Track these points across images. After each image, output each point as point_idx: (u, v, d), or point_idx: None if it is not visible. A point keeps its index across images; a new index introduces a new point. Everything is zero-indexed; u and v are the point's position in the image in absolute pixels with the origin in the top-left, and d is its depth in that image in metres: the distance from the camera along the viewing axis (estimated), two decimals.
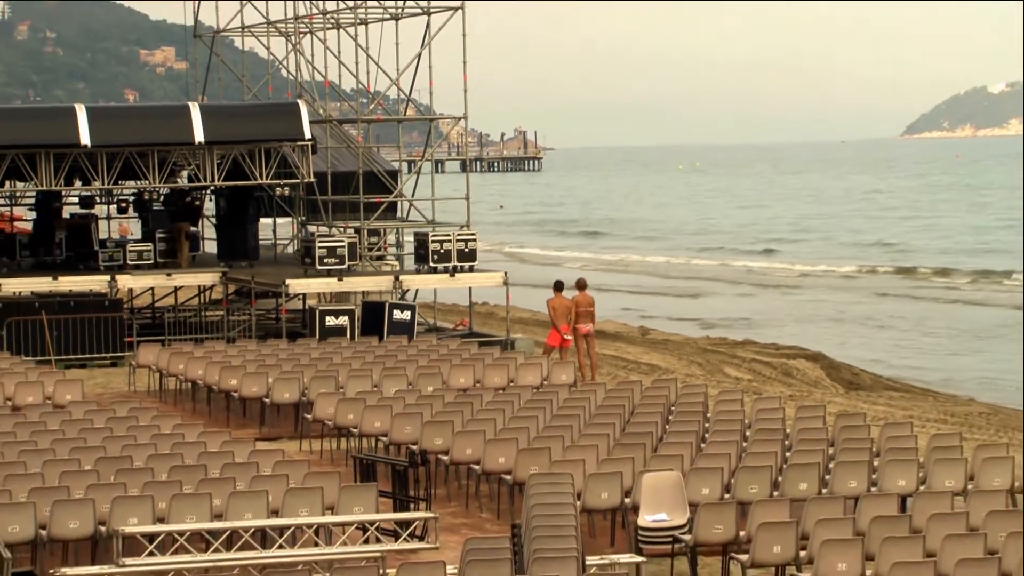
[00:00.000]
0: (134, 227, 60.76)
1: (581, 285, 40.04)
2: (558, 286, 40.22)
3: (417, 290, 46.66)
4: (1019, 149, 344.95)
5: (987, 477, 23.77)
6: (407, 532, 21.47)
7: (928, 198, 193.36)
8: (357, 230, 46.24)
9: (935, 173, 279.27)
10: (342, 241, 45.21)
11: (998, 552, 18.64)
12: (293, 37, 52.15)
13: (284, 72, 54.38)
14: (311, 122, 47.27)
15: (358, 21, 49.88)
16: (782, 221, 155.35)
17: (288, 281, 44.95)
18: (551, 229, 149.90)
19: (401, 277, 45.79)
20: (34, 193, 50.19)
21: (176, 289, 51.67)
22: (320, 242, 45.26)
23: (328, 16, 50.57)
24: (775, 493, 22.66)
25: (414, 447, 26.81)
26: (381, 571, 18.27)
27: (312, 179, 47.17)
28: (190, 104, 48.38)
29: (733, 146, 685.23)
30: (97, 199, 53.17)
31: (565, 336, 38.93)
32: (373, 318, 43.11)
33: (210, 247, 54.26)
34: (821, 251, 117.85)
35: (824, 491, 22.90)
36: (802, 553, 19.51)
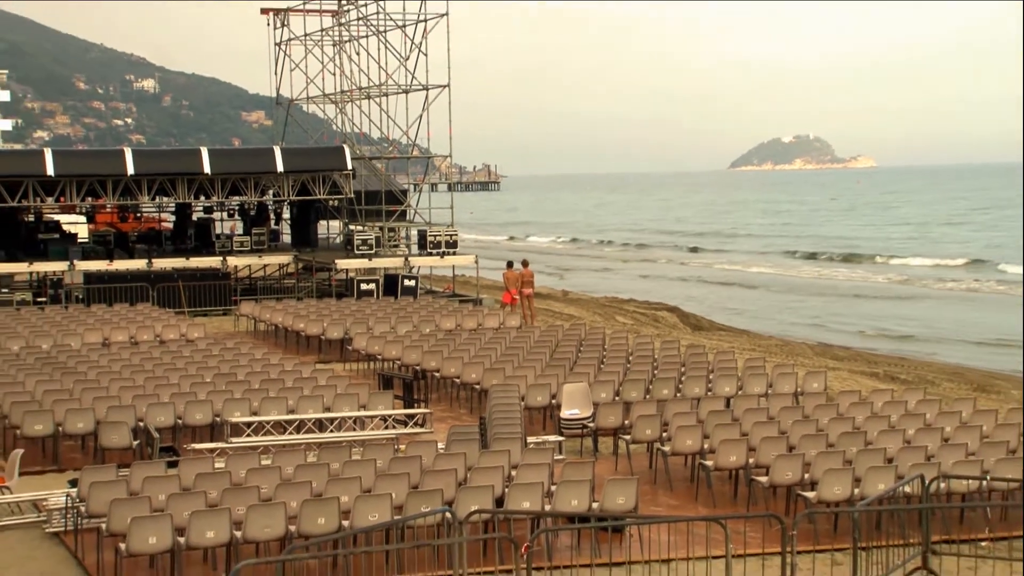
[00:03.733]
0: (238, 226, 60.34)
1: (525, 263, 40.02)
2: (509, 264, 40.23)
3: (419, 267, 46.51)
4: (800, 181, 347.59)
5: (780, 385, 23.89)
6: (412, 422, 21.46)
7: (742, 209, 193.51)
8: (381, 228, 46.17)
9: (747, 191, 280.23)
10: (371, 235, 45.20)
11: (787, 432, 18.78)
12: (340, 104, 52.03)
13: (334, 127, 54.22)
14: (352, 159, 47.21)
15: (382, 94, 49.78)
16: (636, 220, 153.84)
17: (336, 261, 44.83)
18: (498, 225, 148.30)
19: (409, 259, 45.71)
20: (174, 204, 49.97)
21: (264, 266, 51.56)
22: (357, 235, 45.23)
23: (362, 90, 50.52)
24: (647, 396, 22.74)
25: (417, 367, 26.80)
26: (396, 447, 18.25)
27: (352, 195, 47.14)
28: (274, 147, 48.25)
29: (625, 173, 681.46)
30: (214, 208, 52.99)
31: (514, 296, 38.95)
32: (391, 285, 43.01)
33: (286, 239, 54.06)
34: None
35: (678, 395, 22.98)
36: (664, 434, 19.58)
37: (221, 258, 45.95)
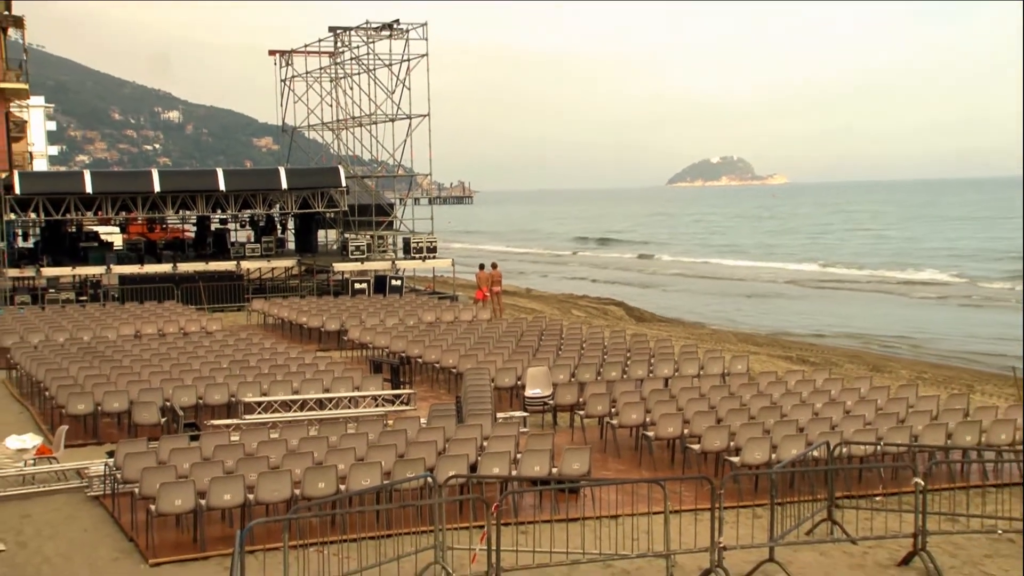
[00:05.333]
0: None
1: (494, 265, 40.01)
2: (481, 266, 40.20)
3: (404, 269, 46.39)
4: (725, 195, 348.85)
5: (710, 368, 23.98)
6: (398, 401, 21.38)
7: (677, 219, 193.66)
8: (371, 236, 46.04)
9: (679, 204, 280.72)
10: (363, 242, 45.04)
11: (716, 407, 18.84)
12: (336, 131, 51.86)
13: (331, 150, 53.94)
14: (346, 177, 47.08)
15: (372, 122, 49.62)
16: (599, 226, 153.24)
17: (334, 264, 44.68)
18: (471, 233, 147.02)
19: (396, 262, 45.60)
20: (195, 216, 49.67)
21: (272, 268, 51.26)
22: (351, 242, 45.06)
23: (355, 119, 50.39)
24: (598, 377, 22.76)
25: (403, 354, 26.73)
26: (384, 422, 18.18)
27: (346, 208, 46.98)
28: (280, 168, 47.98)
29: (581, 188, 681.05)
30: (229, 220, 52.68)
31: (485, 293, 38.92)
32: (380, 284, 42.94)
33: (290, 246, 53.81)
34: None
35: (624, 376, 23.01)
36: (612, 410, 19.60)
37: (235, 262, 45.69)
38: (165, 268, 44.25)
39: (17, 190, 42.10)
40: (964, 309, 54.43)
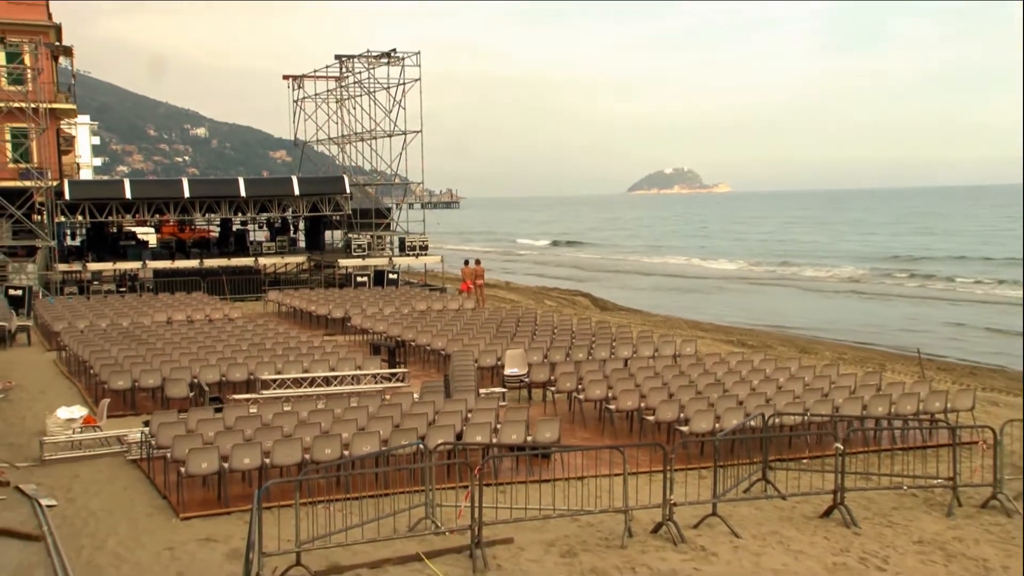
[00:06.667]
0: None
1: (478, 261, 39.95)
2: (466, 261, 40.13)
3: (399, 264, 46.25)
4: (676, 202, 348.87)
5: (664, 349, 24.01)
6: (394, 378, 21.35)
7: (627, 223, 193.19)
8: (371, 236, 45.89)
9: (643, 209, 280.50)
10: (364, 241, 44.92)
11: (668, 383, 18.86)
12: (341, 145, 51.68)
13: (337, 161, 53.72)
14: (350, 185, 46.88)
15: (371, 137, 49.48)
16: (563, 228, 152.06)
17: (339, 260, 44.52)
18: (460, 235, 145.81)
19: (392, 258, 45.49)
20: (219, 219, 49.39)
21: (286, 264, 51.03)
22: (354, 241, 44.93)
23: (358, 135, 50.22)
24: (567, 358, 22.76)
25: (398, 338, 26.66)
26: (382, 397, 18.13)
27: (350, 212, 46.82)
28: (292, 177, 47.77)
29: (551, 195, 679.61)
30: (248, 222, 52.39)
31: (469, 286, 38.85)
32: (379, 277, 42.78)
33: (301, 244, 53.52)
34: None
35: (589, 357, 23.01)
36: (579, 386, 19.61)
37: (254, 259, 45.53)
38: (193, 263, 43.98)
39: (67, 196, 41.93)
40: (868, 301, 54.67)
